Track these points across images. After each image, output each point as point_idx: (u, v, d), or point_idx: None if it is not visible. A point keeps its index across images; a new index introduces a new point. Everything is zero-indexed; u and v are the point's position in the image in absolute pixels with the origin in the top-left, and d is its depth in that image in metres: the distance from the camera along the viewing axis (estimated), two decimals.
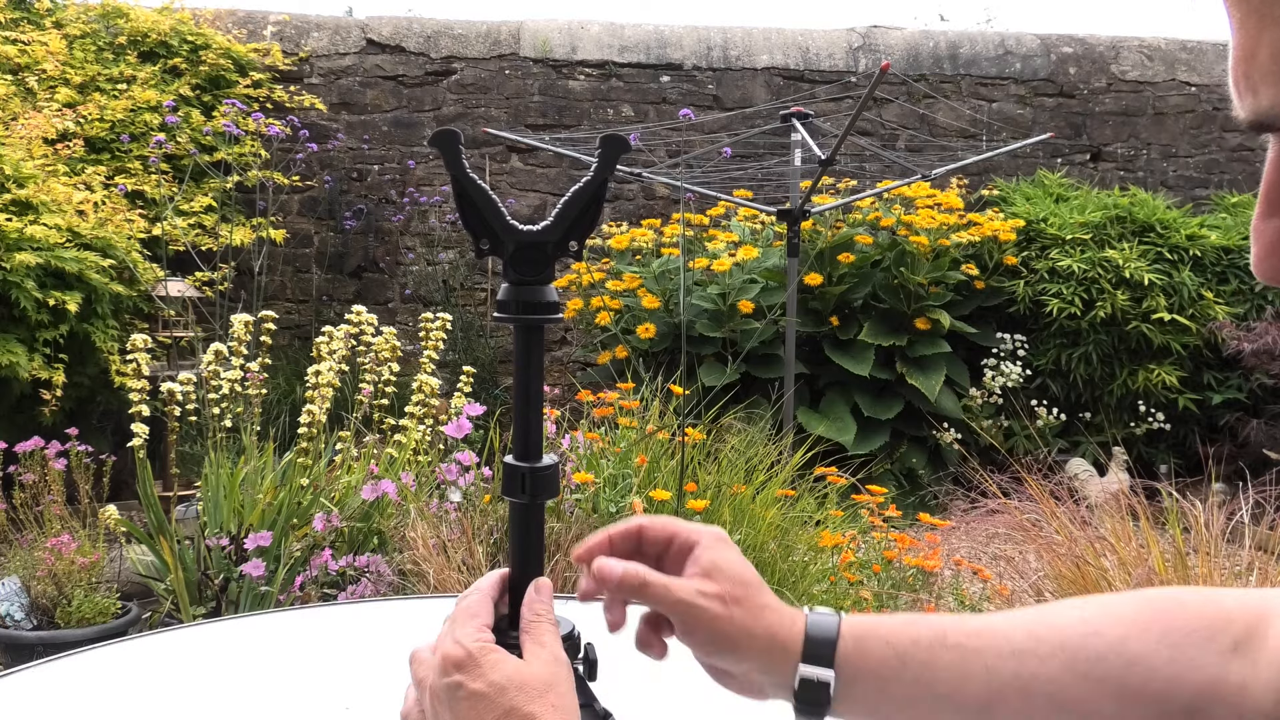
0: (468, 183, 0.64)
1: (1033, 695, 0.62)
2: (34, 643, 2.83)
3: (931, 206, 5.52)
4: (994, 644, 0.63)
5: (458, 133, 0.63)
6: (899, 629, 0.65)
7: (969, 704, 0.63)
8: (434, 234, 6.48)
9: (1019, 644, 0.63)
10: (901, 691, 0.63)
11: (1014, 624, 0.65)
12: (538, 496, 0.67)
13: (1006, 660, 0.63)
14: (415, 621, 1.25)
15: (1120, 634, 0.62)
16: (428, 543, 2.40)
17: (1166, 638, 0.61)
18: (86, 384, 4.41)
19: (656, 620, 0.68)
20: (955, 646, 0.63)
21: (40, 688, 1.00)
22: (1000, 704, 0.62)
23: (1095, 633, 0.62)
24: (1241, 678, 0.59)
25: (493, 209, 0.64)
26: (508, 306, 0.65)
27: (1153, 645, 0.61)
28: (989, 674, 0.62)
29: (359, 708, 0.97)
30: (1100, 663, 0.61)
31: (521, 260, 0.64)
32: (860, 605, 2.61)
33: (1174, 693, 0.60)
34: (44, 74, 5.46)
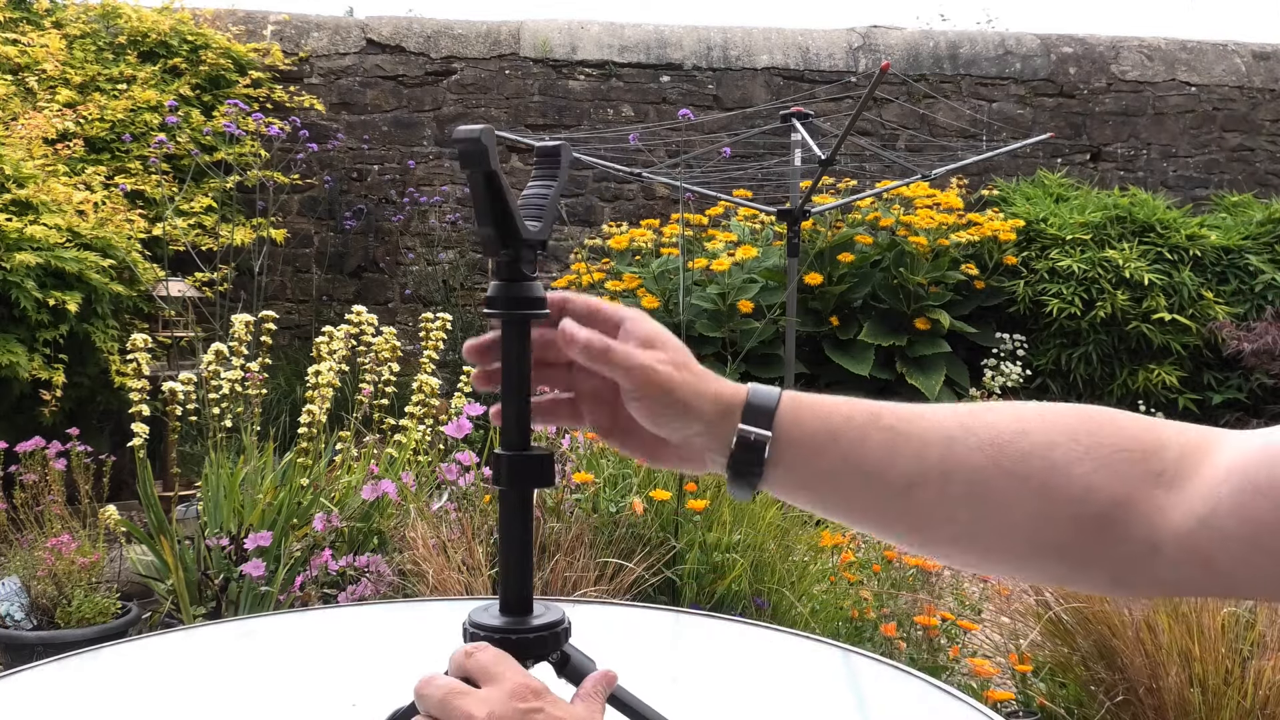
0: (503, 180, 0.64)
1: (953, 481, 0.63)
2: (34, 643, 2.83)
3: (931, 206, 5.53)
4: (925, 430, 0.65)
5: (493, 129, 0.64)
6: (836, 406, 0.67)
7: (892, 482, 0.64)
8: (434, 234, 6.48)
9: (950, 432, 0.64)
10: (830, 463, 0.65)
11: (949, 415, 0.66)
12: (515, 485, 0.68)
13: (935, 446, 0.64)
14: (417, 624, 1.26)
15: (1049, 439, 0.62)
16: (428, 543, 2.40)
17: (1095, 450, 0.61)
18: (86, 384, 4.41)
19: (579, 398, 0.72)
20: (888, 428, 0.65)
21: (40, 688, 1.01)
22: (922, 486, 0.64)
23: (1025, 433, 0.63)
24: (1162, 502, 0.59)
25: (517, 208, 0.66)
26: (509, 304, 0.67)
27: (1079, 453, 0.61)
28: (916, 457, 0.64)
29: (361, 708, 0.97)
30: (1024, 461, 0.62)
31: (527, 259, 0.67)
32: (860, 605, 2.61)
33: (1090, 499, 0.60)
34: (44, 74, 5.46)
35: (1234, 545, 0.56)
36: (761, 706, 1.00)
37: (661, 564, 2.40)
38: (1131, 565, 0.61)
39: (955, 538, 0.65)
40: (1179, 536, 0.58)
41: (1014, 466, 0.62)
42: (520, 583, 0.69)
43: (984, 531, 0.64)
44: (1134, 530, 0.60)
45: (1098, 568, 0.62)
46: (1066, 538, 0.62)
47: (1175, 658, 1.99)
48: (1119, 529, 0.60)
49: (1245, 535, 0.55)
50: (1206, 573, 0.58)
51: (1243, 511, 0.56)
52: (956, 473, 0.63)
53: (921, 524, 0.66)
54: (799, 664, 1.11)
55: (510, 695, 0.59)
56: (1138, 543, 0.60)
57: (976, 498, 0.63)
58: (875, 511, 0.67)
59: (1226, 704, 1.94)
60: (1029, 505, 0.62)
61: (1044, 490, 0.61)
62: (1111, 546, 0.61)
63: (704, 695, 1.03)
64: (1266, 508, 0.55)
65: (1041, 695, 2.30)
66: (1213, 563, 0.57)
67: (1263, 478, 0.55)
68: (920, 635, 2.44)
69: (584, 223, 6.67)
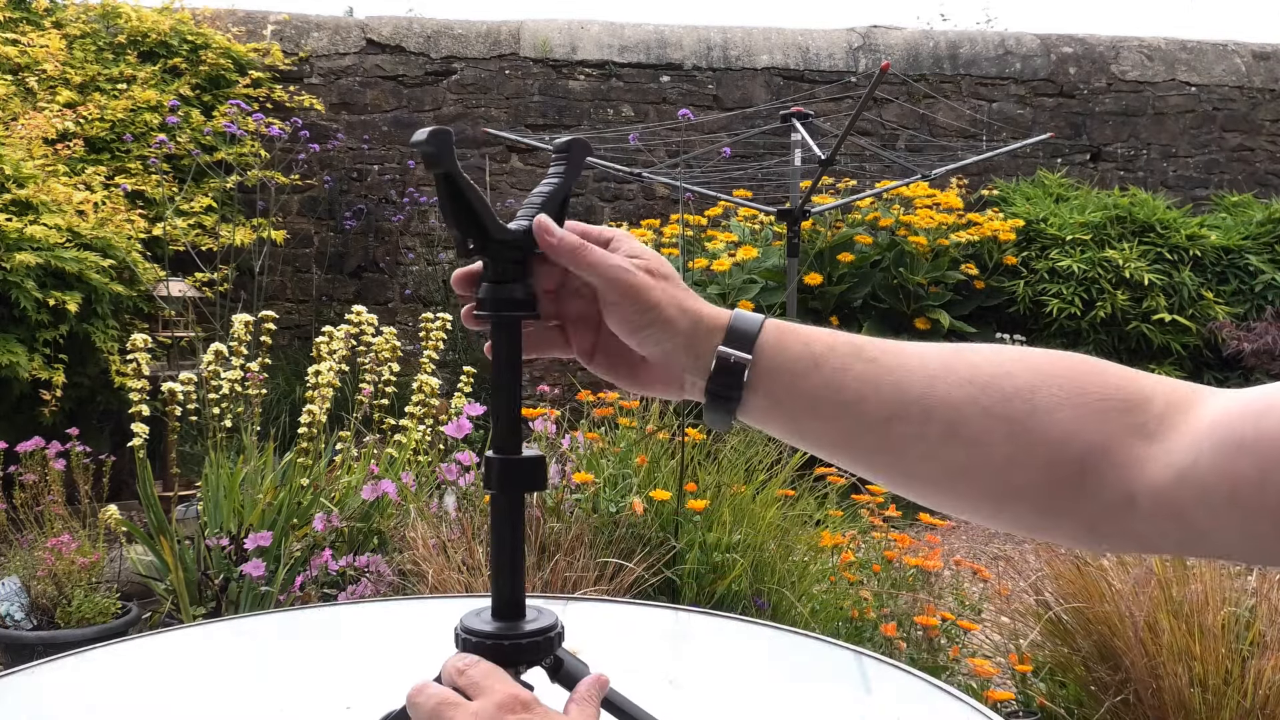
0: (463, 181, 0.64)
1: (933, 417, 0.63)
2: (34, 643, 2.83)
3: (931, 206, 5.53)
4: (907, 364, 0.65)
5: (450, 130, 0.63)
6: (819, 335, 0.66)
7: (871, 414, 0.64)
8: (434, 234, 6.48)
9: (932, 369, 0.64)
10: (810, 390, 0.65)
11: (932, 353, 0.66)
12: (506, 489, 0.68)
13: (917, 381, 0.64)
14: (415, 622, 1.26)
15: (1031, 382, 0.62)
16: (428, 543, 2.40)
17: (1077, 397, 0.61)
18: (86, 384, 4.41)
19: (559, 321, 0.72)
20: (870, 360, 0.65)
21: (40, 688, 1.01)
22: (901, 419, 0.63)
23: (1008, 374, 0.63)
24: (1141, 454, 0.59)
25: (485, 207, 0.65)
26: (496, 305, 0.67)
27: (1060, 399, 0.61)
28: (896, 389, 0.64)
29: (359, 708, 0.97)
30: (1005, 403, 0.62)
31: (507, 259, 0.66)
32: (860, 605, 2.61)
33: (1069, 444, 0.60)
34: (44, 74, 5.46)
35: (1211, 500, 0.55)
36: (760, 705, 1.00)
37: (661, 564, 2.40)
38: (1106, 515, 0.60)
39: (930, 475, 0.65)
40: (1156, 489, 0.58)
41: (994, 406, 0.62)
42: (512, 587, 0.69)
43: (959, 470, 0.63)
44: (1110, 480, 0.59)
45: (1071, 516, 0.62)
46: (1041, 481, 0.61)
47: (1175, 657, 1.99)
48: (1094, 477, 0.60)
49: (1224, 491, 0.55)
50: (1181, 527, 0.58)
51: (1223, 466, 0.55)
52: (937, 409, 0.63)
53: (897, 458, 0.65)
54: (798, 662, 1.11)
55: (499, 707, 0.59)
56: (1113, 492, 0.59)
57: (954, 435, 0.62)
58: (852, 442, 0.66)
59: (1227, 704, 1.94)
60: (1006, 447, 0.61)
61: (1022, 432, 0.61)
62: (1087, 495, 0.60)
63: (703, 694, 1.03)
64: (1247, 464, 0.54)
65: (1041, 695, 2.30)
66: (1188, 518, 0.57)
67: (1247, 433, 0.55)
68: (920, 635, 2.44)
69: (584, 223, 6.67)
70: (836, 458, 0.68)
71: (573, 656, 0.69)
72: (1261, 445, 0.54)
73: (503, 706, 0.59)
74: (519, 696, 0.60)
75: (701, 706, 1.01)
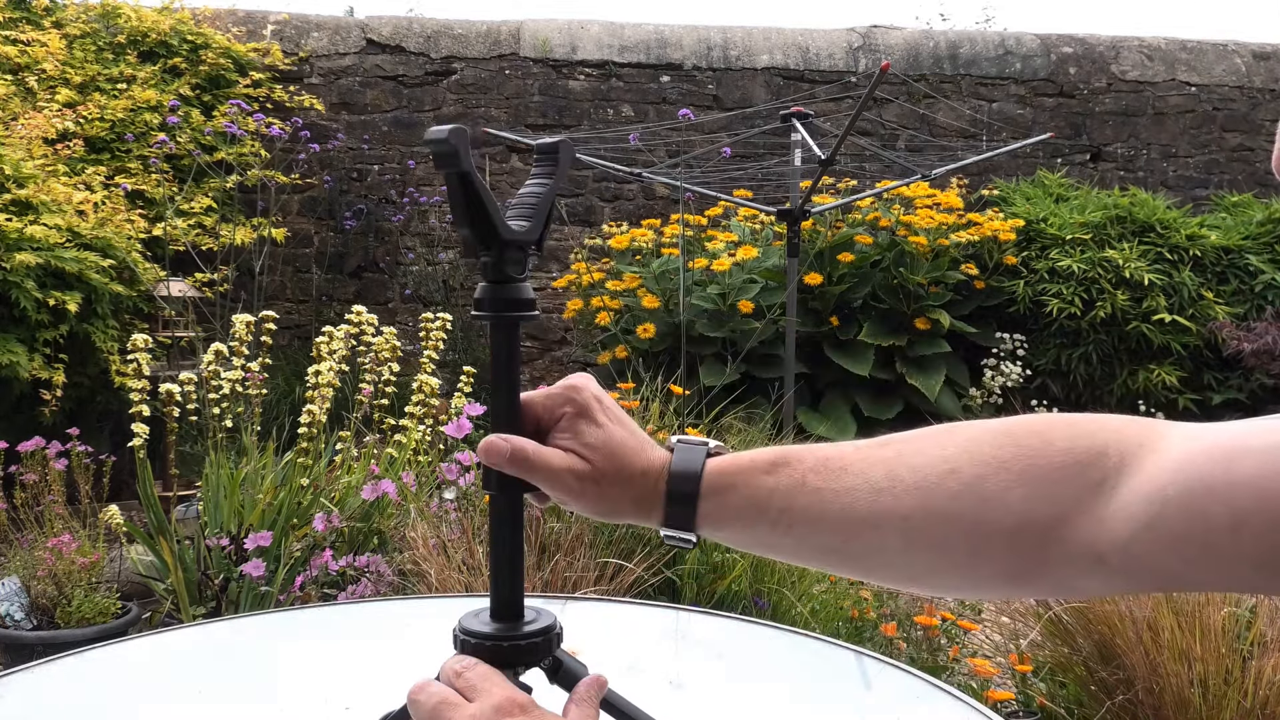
0: (478, 180, 0.64)
1: (886, 531, 0.64)
2: (34, 643, 2.83)
3: (931, 206, 5.52)
4: (851, 485, 0.65)
5: (467, 129, 0.63)
6: (759, 479, 0.68)
7: (825, 542, 0.66)
8: (434, 234, 6.48)
9: (876, 483, 0.65)
10: (760, 537, 0.68)
11: (875, 462, 0.66)
12: (505, 490, 0.68)
13: (861, 500, 0.64)
14: (415, 622, 1.25)
15: (978, 473, 0.62)
16: (428, 543, 2.40)
17: (1027, 474, 0.60)
18: (86, 384, 4.41)
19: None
20: (813, 490, 0.66)
21: (40, 688, 1.00)
22: (855, 540, 0.65)
23: (952, 471, 0.63)
24: (1104, 512, 0.58)
25: (496, 207, 0.65)
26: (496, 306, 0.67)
27: (1010, 483, 0.61)
28: (844, 513, 0.65)
29: (359, 708, 0.97)
30: (954, 501, 0.62)
31: (512, 260, 0.66)
32: (860, 605, 2.61)
33: (1027, 527, 0.60)
34: (44, 74, 5.46)
35: (1185, 548, 0.54)
36: (760, 705, 1.00)
37: (661, 564, 2.40)
38: (1078, 575, 0.60)
39: (898, 578, 0.68)
40: (1123, 544, 0.57)
41: (945, 507, 0.62)
42: (511, 589, 0.69)
43: (925, 571, 0.65)
44: (1073, 545, 0.59)
45: (1044, 582, 0.62)
46: (1005, 566, 0.62)
47: (1176, 657, 1.99)
48: (1058, 546, 0.60)
49: (1196, 538, 0.54)
50: (1156, 574, 0.57)
51: (1193, 512, 0.54)
52: (887, 523, 0.63)
53: (862, 571, 0.68)
54: (799, 662, 1.11)
55: (496, 710, 0.59)
56: (1080, 556, 0.59)
57: (911, 544, 0.63)
58: (813, 561, 0.70)
59: (1227, 704, 1.94)
60: (965, 544, 0.62)
61: (978, 526, 0.61)
62: (1053, 565, 0.60)
63: (704, 694, 1.03)
64: (1218, 510, 0.53)
65: (1041, 695, 2.30)
66: (1161, 566, 0.56)
67: (1217, 477, 0.53)
68: (920, 635, 2.44)
69: (584, 223, 6.67)
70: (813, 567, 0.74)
71: (571, 657, 0.69)
72: (1235, 491, 0.52)
73: (499, 709, 0.59)
74: (515, 699, 0.60)
75: (702, 707, 1.01)
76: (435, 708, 0.61)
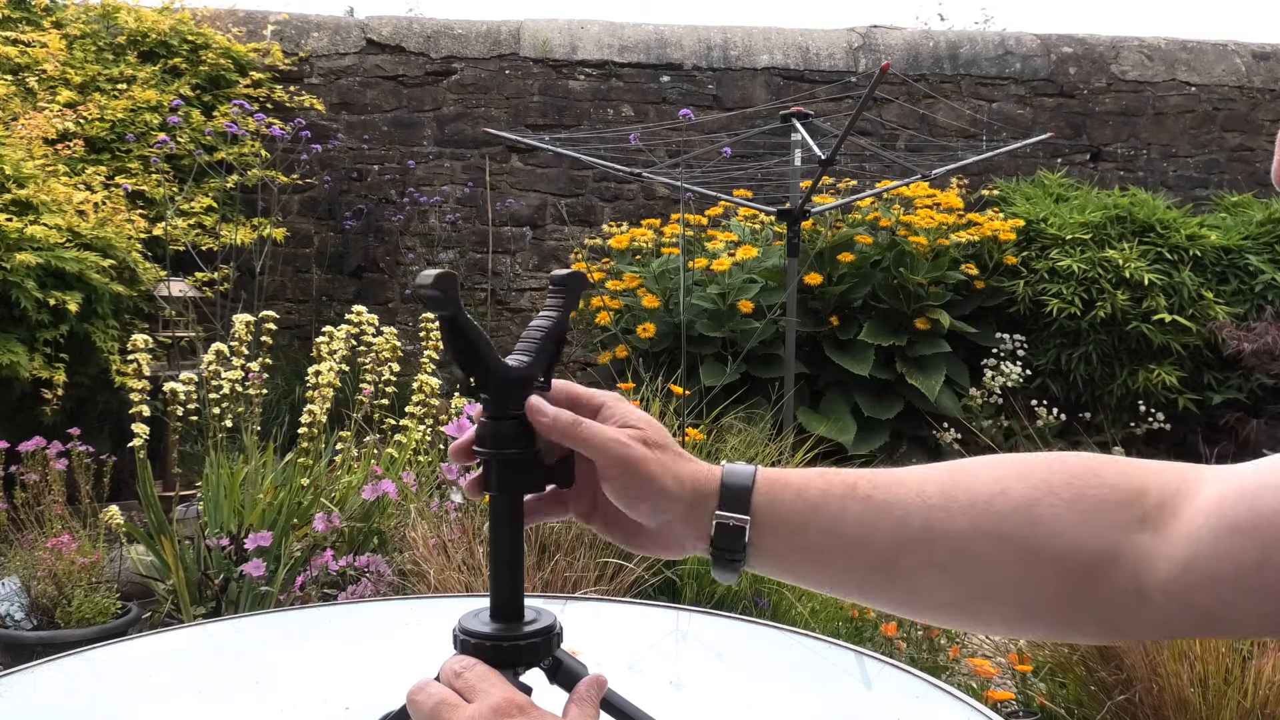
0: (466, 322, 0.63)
1: (937, 549, 0.63)
2: (34, 643, 2.83)
3: (931, 206, 5.52)
4: (904, 498, 0.65)
5: (455, 275, 0.63)
6: (812, 481, 0.67)
7: (876, 555, 0.65)
8: (434, 234, 6.48)
9: (929, 499, 0.64)
10: (811, 540, 0.65)
11: (927, 479, 0.66)
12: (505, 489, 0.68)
13: (915, 515, 0.64)
14: (415, 622, 1.26)
15: (1029, 496, 0.63)
16: (428, 543, 2.40)
17: (1076, 503, 0.61)
18: (86, 384, 4.41)
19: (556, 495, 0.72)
20: (865, 499, 0.65)
21: (40, 688, 1.01)
22: (907, 555, 0.64)
23: (1004, 492, 0.63)
24: (1146, 549, 0.59)
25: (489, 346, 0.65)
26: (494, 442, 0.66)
27: (1060, 509, 0.61)
28: (897, 527, 0.64)
29: (359, 708, 0.97)
30: (1005, 521, 0.62)
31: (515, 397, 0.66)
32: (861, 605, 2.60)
33: (1075, 554, 0.61)
34: (44, 74, 5.46)
35: (1219, 588, 0.56)
36: (761, 705, 1.00)
37: (661, 564, 2.40)
38: (1120, 613, 0.61)
39: (944, 603, 0.66)
40: (1165, 583, 0.58)
41: (995, 528, 0.62)
42: (510, 589, 0.69)
43: (972, 595, 0.64)
44: (1119, 581, 0.60)
45: (1088, 619, 0.63)
46: (1053, 593, 0.62)
47: (1176, 657, 1.99)
48: (1104, 582, 0.60)
49: (1228, 576, 0.55)
50: (1194, 614, 0.58)
51: (1224, 552, 0.55)
52: (939, 540, 0.63)
53: (909, 593, 0.66)
54: (799, 662, 1.11)
55: (494, 710, 0.59)
56: (1125, 593, 0.60)
57: (961, 564, 0.63)
58: (861, 584, 0.67)
59: (1227, 703, 1.94)
60: (1015, 566, 0.62)
61: (1027, 549, 0.62)
62: (1099, 597, 0.61)
63: (704, 694, 1.03)
64: (1247, 546, 0.54)
65: (1041, 695, 2.30)
66: (1199, 605, 0.57)
67: (1243, 517, 0.55)
68: (920, 635, 2.44)
69: (584, 223, 6.67)
70: (850, 597, 0.69)
71: (571, 657, 0.69)
72: (1259, 527, 0.54)
73: (497, 710, 0.59)
74: (514, 700, 0.61)
75: (702, 707, 1.01)
76: (434, 708, 0.61)
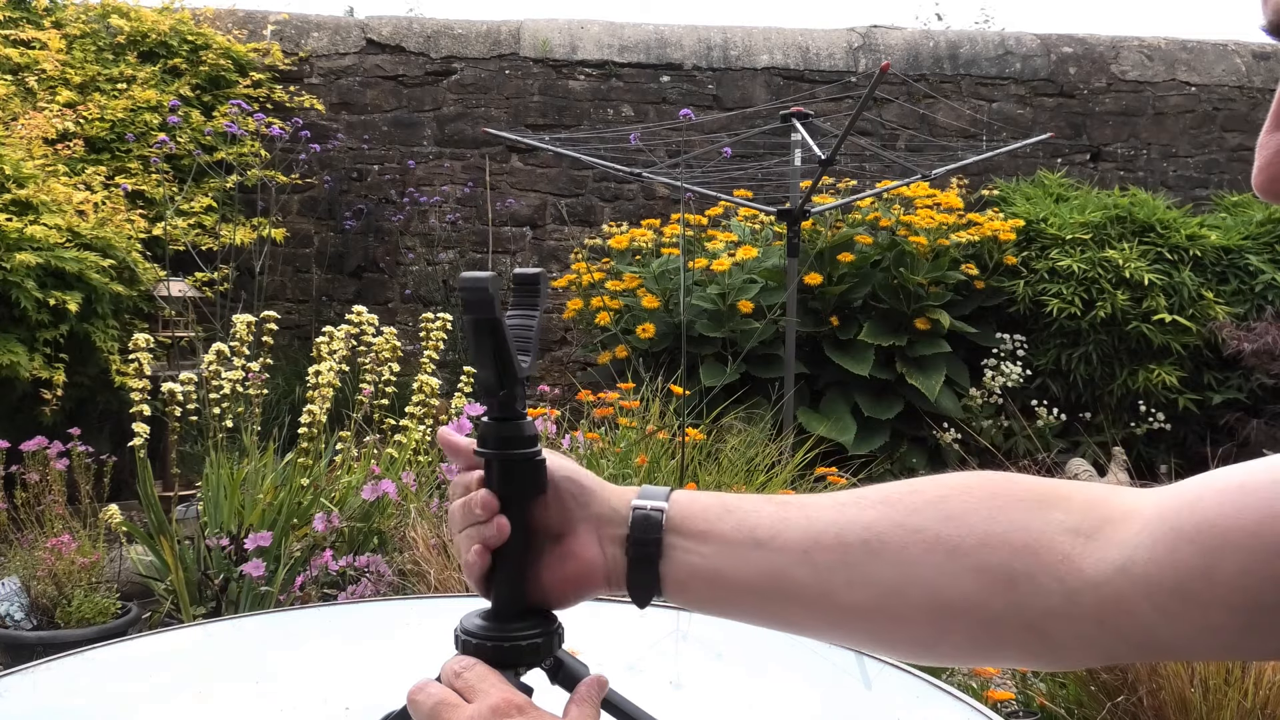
0: (505, 327, 0.63)
1: (849, 540, 0.64)
2: (34, 643, 2.83)
3: (931, 206, 5.52)
4: (817, 500, 0.67)
5: (500, 279, 0.63)
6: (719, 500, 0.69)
7: (789, 548, 0.65)
8: (434, 234, 6.48)
9: (840, 498, 0.66)
10: (725, 536, 0.66)
11: (841, 492, 0.68)
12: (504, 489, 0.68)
13: (825, 509, 0.66)
14: (415, 622, 1.25)
15: (941, 494, 0.63)
16: (428, 543, 2.40)
17: (989, 500, 0.61)
18: (87, 384, 4.41)
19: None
20: (780, 503, 0.67)
21: (40, 688, 1.01)
22: (818, 548, 0.64)
23: (915, 490, 0.64)
24: (1071, 549, 0.58)
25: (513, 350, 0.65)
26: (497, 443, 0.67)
27: (973, 504, 0.62)
28: (807, 520, 0.65)
29: (359, 708, 0.97)
30: (915, 513, 0.63)
31: (520, 395, 0.67)
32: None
33: (991, 547, 0.60)
34: (44, 74, 5.46)
35: (1156, 594, 0.54)
36: (761, 705, 1.00)
37: None
38: (1050, 619, 0.58)
39: (862, 603, 0.64)
40: (1095, 585, 0.57)
41: (905, 519, 0.62)
42: (512, 589, 0.69)
43: (889, 591, 0.62)
44: (1043, 581, 0.58)
45: (1013, 626, 0.60)
46: (971, 590, 0.60)
47: None
48: (1027, 580, 0.59)
49: (1168, 583, 0.54)
50: (1133, 624, 0.56)
51: (1164, 558, 0.54)
52: (850, 530, 0.63)
53: (826, 592, 0.64)
54: (799, 662, 1.11)
55: (493, 710, 0.60)
56: (1050, 593, 0.58)
57: (875, 554, 0.62)
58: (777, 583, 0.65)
59: (1227, 704, 1.94)
60: (929, 558, 0.61)
61: (939, 541, 0.61)
62: (1023, 600, 0.59)
63: (704, 694, 1.03)
64: (1189, 553, 0.53)
65: (1041, 695, 2.30)
66: (1137, 614, 0.56)
67: (1185, 522, 0.54)
68: None
69: (584, 223, 6.67)
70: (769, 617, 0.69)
71: (572, 657, 0.69)
72: (1201, 534, 0.53)
73: (496, 710, 0.60)
74: (513, 700, 0.61)
75: (702, 707, 1.01)
76: (434, 708, 0.61)
